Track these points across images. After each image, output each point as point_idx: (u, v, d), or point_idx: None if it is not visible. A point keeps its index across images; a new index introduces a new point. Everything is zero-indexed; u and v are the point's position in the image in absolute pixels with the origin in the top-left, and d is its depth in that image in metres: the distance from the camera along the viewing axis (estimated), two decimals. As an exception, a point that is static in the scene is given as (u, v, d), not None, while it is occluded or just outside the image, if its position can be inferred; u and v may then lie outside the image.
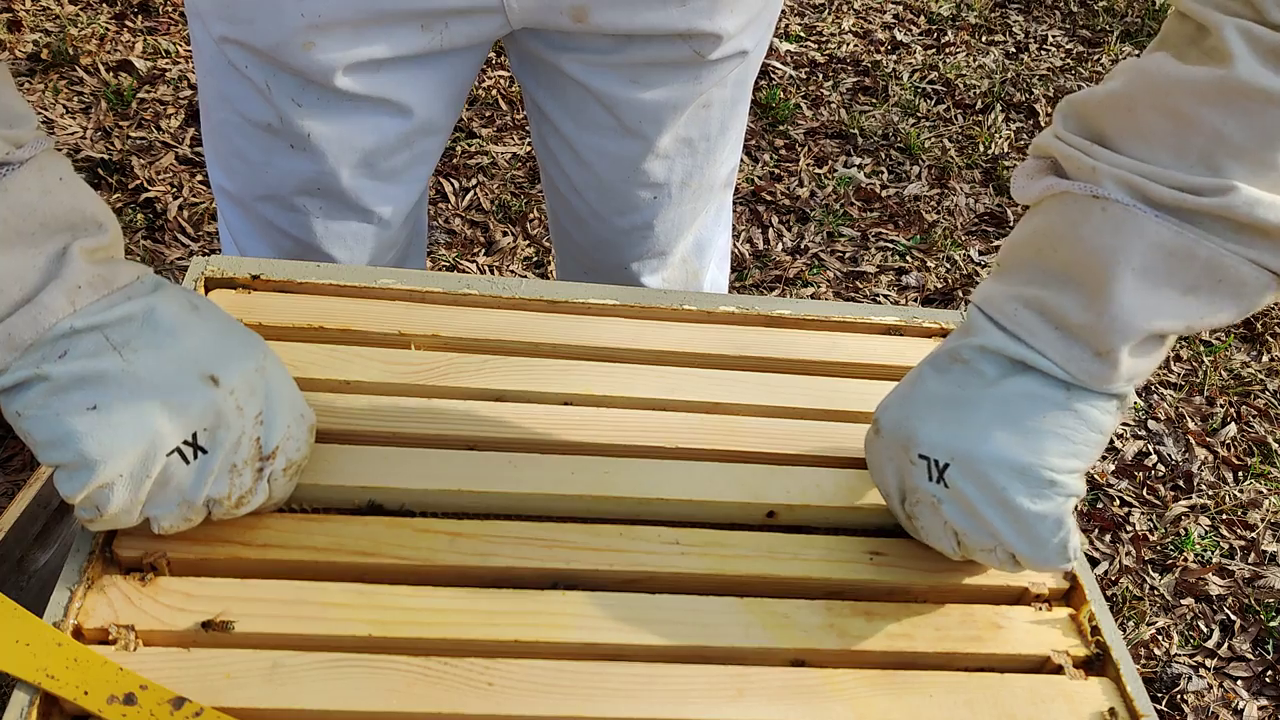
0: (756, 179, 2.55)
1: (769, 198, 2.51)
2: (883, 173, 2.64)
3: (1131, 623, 1.78)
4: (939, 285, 2.36)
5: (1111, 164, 0.67)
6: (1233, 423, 2.13)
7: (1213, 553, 1.91)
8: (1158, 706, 1.67)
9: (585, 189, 1.17)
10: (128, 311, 0.67)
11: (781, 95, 2.79)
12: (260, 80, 0.99)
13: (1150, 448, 2.07)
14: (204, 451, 0.69)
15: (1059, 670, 0.79)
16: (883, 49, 3.06)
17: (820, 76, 2.92)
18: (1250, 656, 1.76)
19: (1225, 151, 0.64)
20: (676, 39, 1.01)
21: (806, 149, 2.67)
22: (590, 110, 1.08)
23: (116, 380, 0.65)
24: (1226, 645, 1.77)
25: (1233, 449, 2.09)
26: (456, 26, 0.98)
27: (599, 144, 1.11)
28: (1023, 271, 0.73)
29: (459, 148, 2.49)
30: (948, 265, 2.41)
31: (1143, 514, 1.96)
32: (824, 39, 3.06)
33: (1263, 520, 1.96)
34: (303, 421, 0.76)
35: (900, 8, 3.24)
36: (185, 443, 0.68)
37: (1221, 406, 2.15)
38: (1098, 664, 0.81)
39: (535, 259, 2.26)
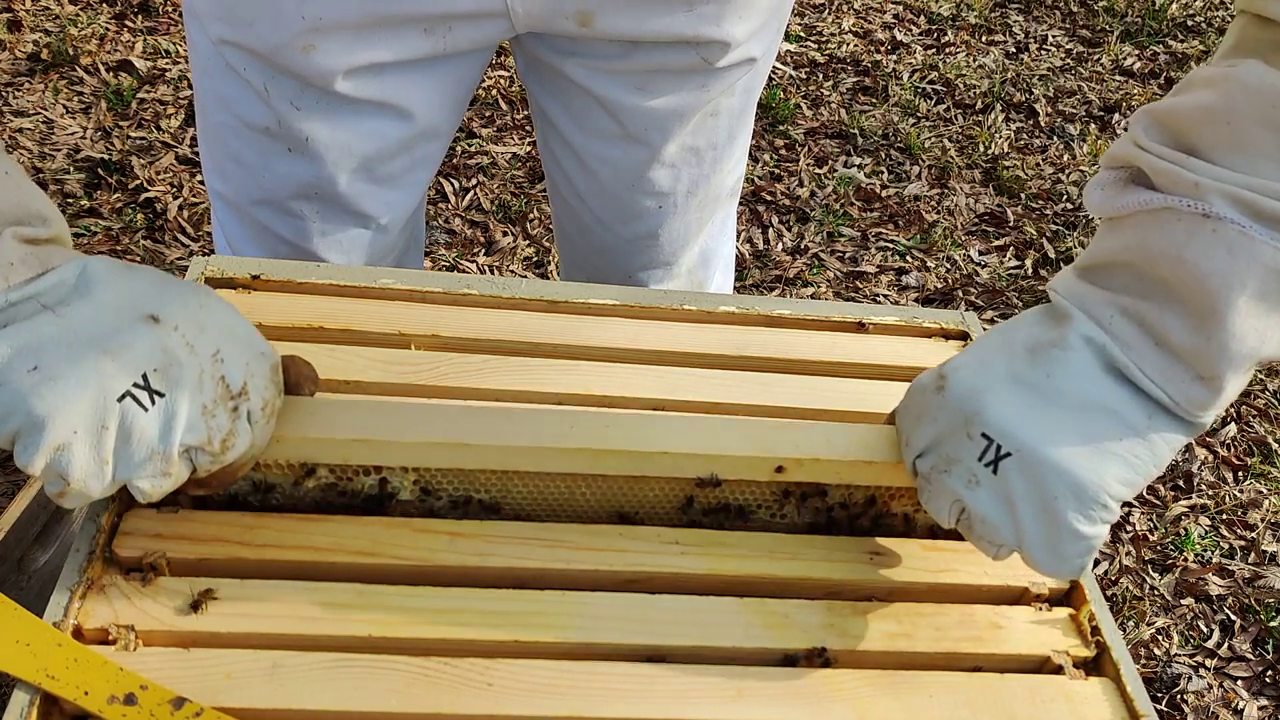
0: (756, 179, 2.55)
1: (769, 198, 2.51)
2: (883, 173, 2.64)
3: (1131, 623, 1.78)
4: (939, 285, 2.36)
5: (1216, 179, 0.63)
6: (1233, 423, 2.13)
7: (1213, 553, 1.91)
8: (1158, 706, 1.67)
9: (589, 196, 1.16)
10: (60, 277, 0.65)
11: (781, 95, 2.79)
12: (259, 83, 0.98)
13: (1150, 448, 2.07)
14: (160, 395, 0.66)
15: (1059, 670, 0.79)
16: (883, 49, 3.06)
17: (820, 76, 2.92)
18: (1250, 656, 1.76)
19: None
20: (684, 46, 1.00)
21: (806, 149, 2.67)
22: (595, 116, 1.07)
23: (53, 338, 0.64)
24: (1226, 645, 1.77)
25: (1233, 449, 2.09)
26: (460, 30, 0.97)
27: (603, 151, 1.10)
28: (1117, 279, 0.69)
29: (459, 148, 2.49)
30: (948, 265, 2.41)
31: (1143, 514, 1.96)
32: (824, 39, 3.06)
33: (1263, 520, 1.96)
34: (264, 360, 0.72)
35: (900, 8, 3.24)
36: (136, 385, 0.65)
37: (1221, 406, 2.15)
38: (1098, 664, 0.81)
39: (535, 259, 2.26)
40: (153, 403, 0.65)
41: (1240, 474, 2.04)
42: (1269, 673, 1.74)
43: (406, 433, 0.78)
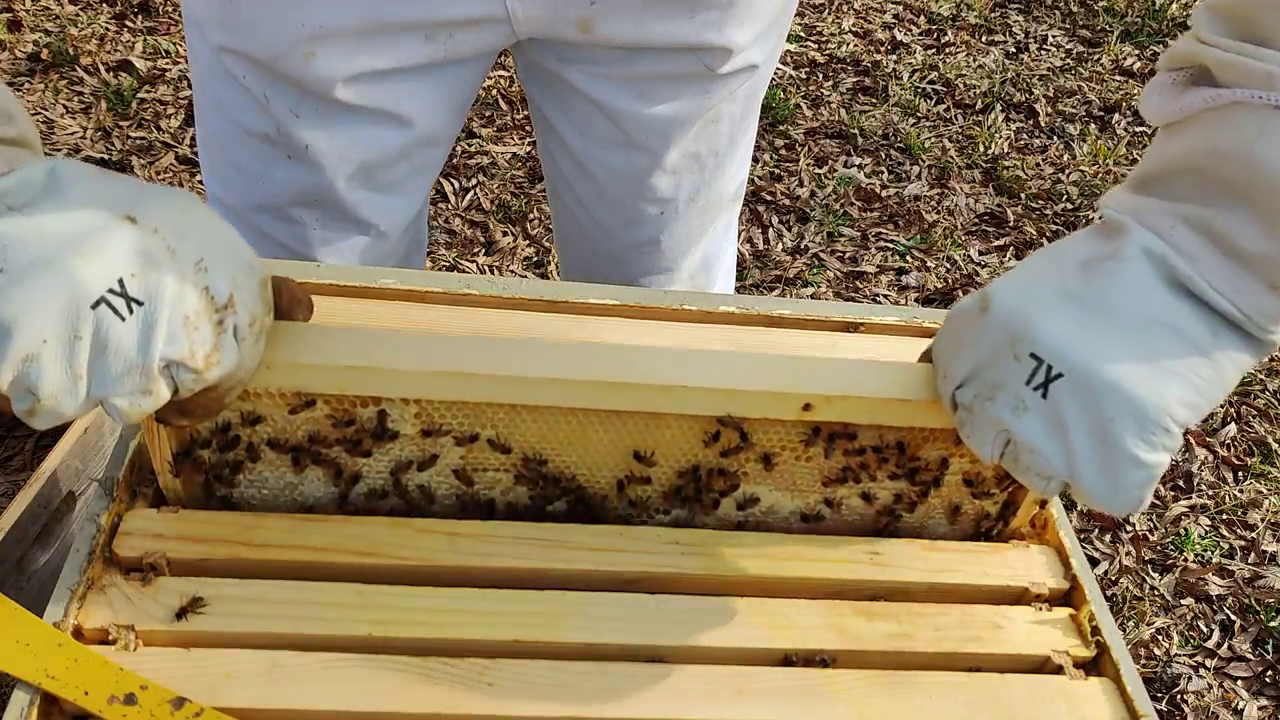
0: (756, 179, 2.55)
1: (769, 198, 2.51)
2: (883, 173, 2.64)
3: (1131, 623, 1.78)
4: (939, 285, 2.36)
5: None
6: (1233, 423, 2.13)
7: (1213, 553, 1.91)
8: (1158, 706, 1.67)
9: (590, 201, 1.16)
10: (26, 176, 0.59)
11: (781, 95, 2.79)
12: (258, 91, 0.98)
13: (1150, 448, 2.07)
14: (138, 303, 0.60)
15: (1059, 670, 0.79)
16: (883, 49, 3.05)
17: (820, 76, 2.92)
18: (1250, 656, 1.76)
19: None
20: (685, 52, 1.00)
21: (806, 149, 2.67)
22: (596, 123, 1.07)
23: (20, 238, 0.57)
24: (1226, 645, 1.77)
25: (1233, 449, 2.09)
26: (461, 37, 0.97)
27: (605, 157, 1.10)
28: (1178, 187, 0.64)
29: (459, 148, 2.49)
30: (948, 265, 2.41)
31: (1143, 514, 1.96)
32: (824, 39, 3.05)
33: (1263, 520, 1.96)
34: (252, 273, 0.66)
35: (900, 8, 3.24)
36: (112, 291, 0.59)
37: (1221, 406, 2.15)
38: (1098, 664, 0.81)
39: (535, 259, 2.26)
40: (130, 311, 0.59)
41: (1240, 474, 2.04)
42: (1269, 673, 1.74)
43: (408, 361, 0.73)
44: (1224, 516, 1.97)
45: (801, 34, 3.05)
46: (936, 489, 0.86)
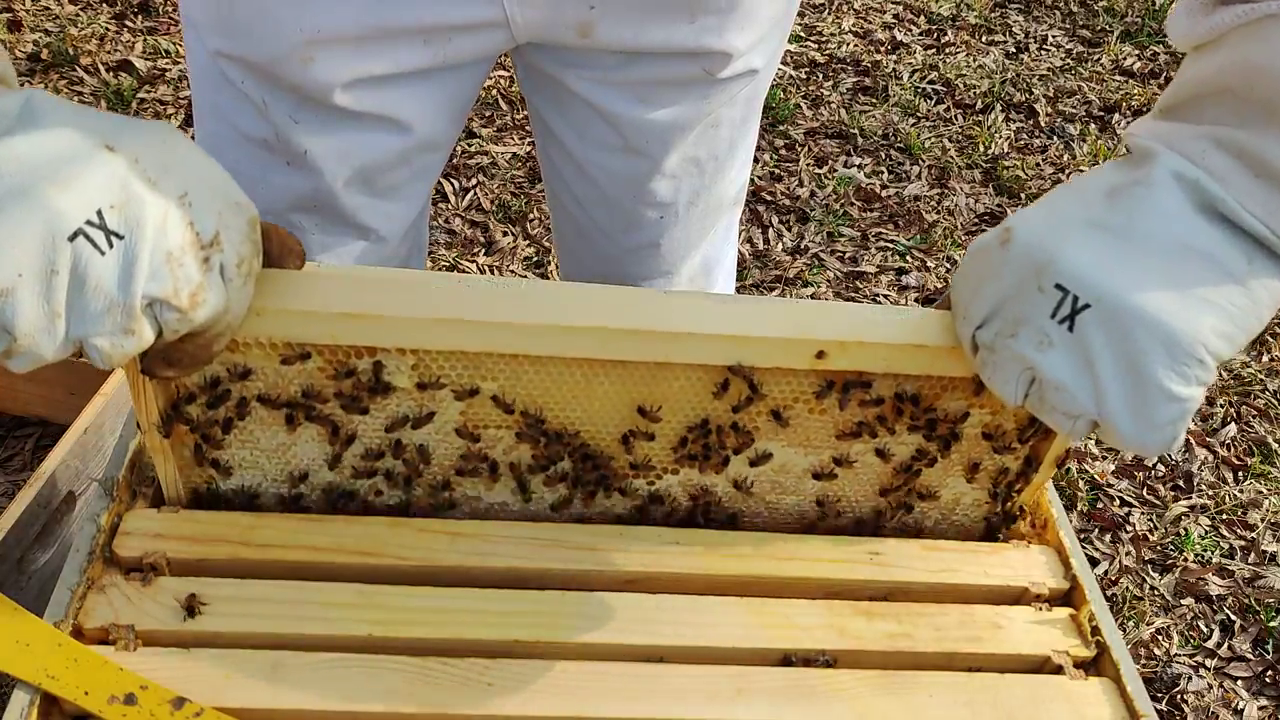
0: (756, 179, 2.55)
1: (769, 198, 2.51)
2: (883, 173, 2.64)
3: (1131, 623, 1.78)
4: (939, 285, 2.36)
5: None
6: (1233, 423, 2.13)
7: (1213, 553, 1.91)
8: (1158, 706, 1.67)
9: (589, 204, 1.15)
10: (1, 107, 0.57)
11: (781, 95, 2.79)
12: (257, 96, 0.97)
13: (1150, 448, 2.06)
14: (119, 237, 0.57)
15: (1059, 670, 0.79)
16: (883, 49, 3.05)
17: (820, 76, 2.92)
18: (1250, 656, 1.76)
19: None
20: (685, 57, 0.99)
21: (806, 149, 2.67)
22: (595, 127, 1.07)
23: None
24: (1226, 645, 1.77)
25: (1233, 449, 2.09)
26: (460, 42, 0.96)
27: (604, 161, 1.10)
28: (1209, 109, 0.62)
29: (459, 148, 2.49)
30: (948, 265, 2.41)
31: (1143, 514, 1.96)
32: (824, 39, 3.05)
33: (1263, 520, 1.96)
34: (240, 211, 0.63)
35: (900, 8, 3.24)
36: (90, 223, 0.56)
37: (1221, 406, 2.15)
38: (1098, 664, 0.81)
39: (535, 259, 2.26)
40: (110, 245, 0.57)
41: (1240, 474, 2.04)
42: (1269, 673, 1.74)
43: (405, 307, 0.70)
44: (1224, 516, 1.97)
45: (801, 34, 3.05)
46: (955, 443, 0.82)
